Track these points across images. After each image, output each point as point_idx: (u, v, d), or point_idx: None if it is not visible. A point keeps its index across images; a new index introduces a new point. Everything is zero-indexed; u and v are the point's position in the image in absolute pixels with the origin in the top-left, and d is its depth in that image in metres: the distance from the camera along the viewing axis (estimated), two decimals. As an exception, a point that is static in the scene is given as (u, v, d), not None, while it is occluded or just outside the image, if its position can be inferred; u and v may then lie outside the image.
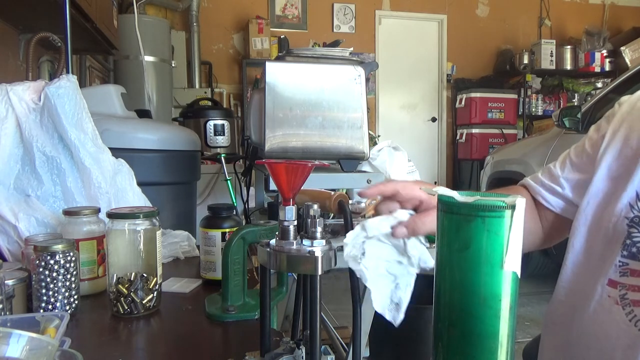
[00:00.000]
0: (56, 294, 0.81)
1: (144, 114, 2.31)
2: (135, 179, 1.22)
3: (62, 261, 0.81)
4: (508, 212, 0.48)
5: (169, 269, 1.13)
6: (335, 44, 1.61)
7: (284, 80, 1.37)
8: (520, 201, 0.48)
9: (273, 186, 1.29)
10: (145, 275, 0.86)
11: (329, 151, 1.40)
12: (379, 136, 5.65)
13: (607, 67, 6.00)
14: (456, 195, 0.49)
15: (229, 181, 2.39)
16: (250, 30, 5.38)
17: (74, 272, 0.83)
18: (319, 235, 0.53)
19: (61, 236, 0.92)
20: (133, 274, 0.85)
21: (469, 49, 6.36)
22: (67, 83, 1.11)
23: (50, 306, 0.81)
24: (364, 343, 1.79)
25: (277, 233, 0.55)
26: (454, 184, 6.35)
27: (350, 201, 1.56)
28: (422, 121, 6.49)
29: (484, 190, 4.33)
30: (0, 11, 1.83)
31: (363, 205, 1.45)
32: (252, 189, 2.10)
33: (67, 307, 0.82)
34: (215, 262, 0.99)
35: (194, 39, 5.25)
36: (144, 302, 0.85)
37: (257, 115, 1.41)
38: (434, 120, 6.50)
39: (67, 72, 1.78)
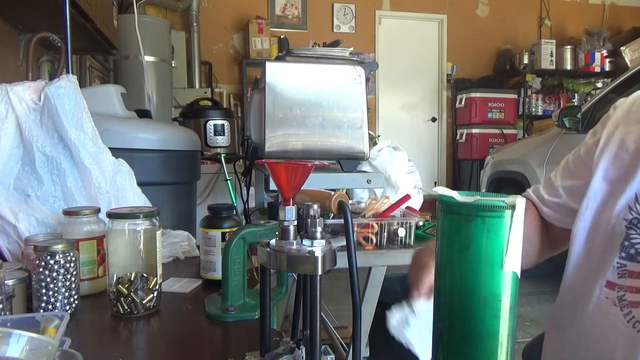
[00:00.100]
0: (56, 294, 0.81)
1: (144, 114, 2.31)
2: (135, 179, 1.22)
3: (62, 261, 0.81)
4: (508, 212, 0.48)
5: (169, 269, 1.13)
6: (335, 44, 1.61)
7: (284, 80, 1.37)
8: (520, 201, 0.48)
9: (273, 186, 1.29)
10: (145, 275, 0.86)
11: (329, 151, 1.40)
12: (379, 136, 5.65)
13: (607, 67, 6.00)
14: (456, 195, 0.50)
15: (229, 181, 2.39)
16: (250, 30, 5.38)
17: (74, 272, 0.83)
18: (319, 235, 0.53)
19: (61, 236, 0.92)
20: (133, 274, 0.85)
21: (469, 49, 6.37)
22: (67, 83, 1.11)
23: (50, 306, 0.81)
24: (364, 343, 1.79)
25: (277, 233, 0.55)
26: (454, 184, 6.35)
27: (350, 201, 1.56)
28: (422, 121, 6.49)
29: (484, 190, 4.33)
30: (0, 11, 1.83)
31: (363, 205, 1.45)
32: (252, 189, 2.10)
33: (67, 307, 0.82)
34: (215, 262, 0.99)
35: (194, 39, 5.25)
36: (144, 302, 0.85)
37: (257, 115, 1.41)
38: (434, 120, 6.51)
39: (67, 72, 1.78)
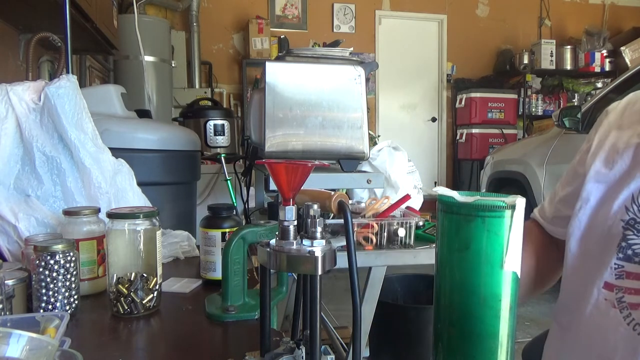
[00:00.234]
0: (56, 294, 0.81)
1: (144, 114, 2.31)
2: (135, 179, 1.22)
3: (62, 261, 0.81)
4: (508, 212, 0.48)
5: (169, 269, 1.13)
6: (335, 44, 1.60)
7: (284, 80, 1.37)
8: (520, 201, 0.48)
9: (273, 186, 1.29)
10: (145, 275, 0.86)
11: (329, 151, 1.40)
12: (379, 136, 5.65)
13: (607, 67, 6.01)
14: (456, 195, 0.50)
15: (229, 181, 2.39)
16: (250, 30, 5.38)
17: (74, 272, 0.83)
18: (319, 235, 0.53)
19: (61, 236, 0.91)
20: (133, 274, 0.85)
21: (469, 49, 6.37)
22: (67, 83, 1.11)
23: (50, 306, 0.81)
24: (364, 343, 1.79)
25: (277, 233, 0.55)
26: (454, 184, 6.35)
27: (350, 201, 1.56)
28: (422, 121, 6.49)
29: (484, 190, 4.33)
30: (0, 11, 1.83)
31: (363, 205, 1.45)
32: (252, 189, 2.09)
33: (67, 307, 0.82)
34: (215, 262, 0.99)
35: (194, 39, 5.25)
36: (144, 302, 0.85)
37: (257, 115, 1.41)
38: (434, 120, 6.51)
39: (67, 72, 1.78)
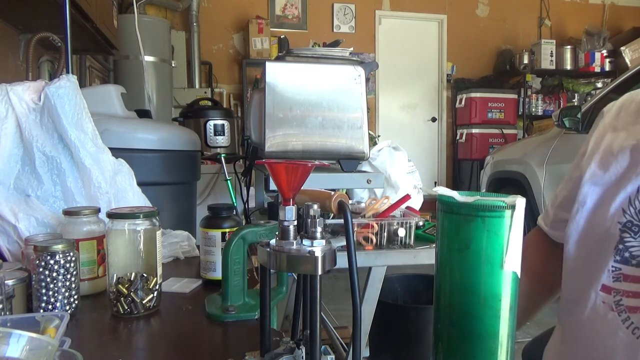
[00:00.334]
0: (56, 294, 0.81)
1: (144, 114, 2.31)
2: (135, 179, 1.22)
3: (62, 261, 0.81)
4: (508, 212, 0.48)
5: (169, 269, 1.13)
6: (335, 44, 1.60)
7: (284, 80, 1.37)
8: (520, 201, 0.48)
9: (273, 186, 1.29)
10: (145, 275, 0.86)
11: (329, 151, 1.40)
12: (379, 136, 5.65)
13: (607, 67, 6.00)
14: (456, 195, 0.50)
15: (229, 181, 2.39)
16: (250, 30, 5.38)
17: (74, 272, 0.83)
18: (319, 235, 0.53)
19: (61, 236, 0.91)
20: (133, 274, 0.85)
21: (469, 49, 6.37)
22: (67, 83, 1.11)
23: (50, 306, 0.81)
24: (364, 343, 1.79)
25: (277, 233, 0.55)
26: (454, 184, 6.35)
27: (350, 201, 1.56)
28: (422, 121, 6.49)
29: (484, 190, 4.33)
30: (0, 11, 1.83)
31: (363, 205, 1.45)
32: (252, 189, 2.09)
33: (67, 307, 0.82)
34: (215, 262, 0.99)
35: (194, 39, 5.25)
36: (144, 302, 0.85)
37: (257, 115, 1.41)
38: (434, 120, 6.51)
39: (67, 72, 1.78)
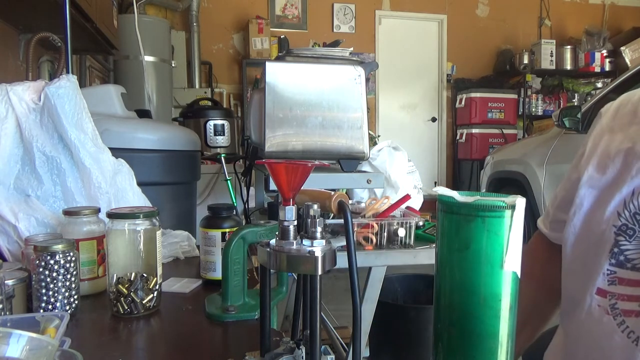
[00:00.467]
0: (56, 294, 0.81)
1: (144, 114, 2.31)
2: (135, 179, 1.22)
3: (62, 261, 0.81)
4: (508, 212, 0.48)
5: (169, 269, 1.13)
6: (335, 44, 1.60)
7: (284, 80, 1.37)
8: (520, 201, 0.48)
9: (273, 186, 1.29)
10: (145, 275, 0.86)
11: (329, 151, 1.40)
12: (379, 136, 5.65)
13: (607, 67, 6.01)
14: (456, 195, 0.50)
15: (229, 181, 2.39)
16: (250, 30, 5.38)
17: (74, 272, 0.83)
18: (319, 235, 0.53)
19: (61, 236, 0.91)
20: (133, 274, 0.85)
21: (469, 49, 6.37)
22: (67, 83, 1.11)
23: (50, 306, 0.81)
24: (364, 343, 1.79)
25: (277, 233, 0.55)
26: (454, 184, 6.35)
27: (350, 201, 1.56)
28: (422, 121, 6.50)
29: (484, 190, 4.33)
30: (0, 11, 1.83)
31: (363, 205, 1.45)
32: (252, 189, 2.09)
33: (67, 307, 0.82)
34: (215, 262, 0.99)
35: (194, 39, 5.25)
36: (144, 302, 0.85)
37: (257, 115, 1.41)
38: (434, 120, 6.51)
39: (67, 72, 1.78)
